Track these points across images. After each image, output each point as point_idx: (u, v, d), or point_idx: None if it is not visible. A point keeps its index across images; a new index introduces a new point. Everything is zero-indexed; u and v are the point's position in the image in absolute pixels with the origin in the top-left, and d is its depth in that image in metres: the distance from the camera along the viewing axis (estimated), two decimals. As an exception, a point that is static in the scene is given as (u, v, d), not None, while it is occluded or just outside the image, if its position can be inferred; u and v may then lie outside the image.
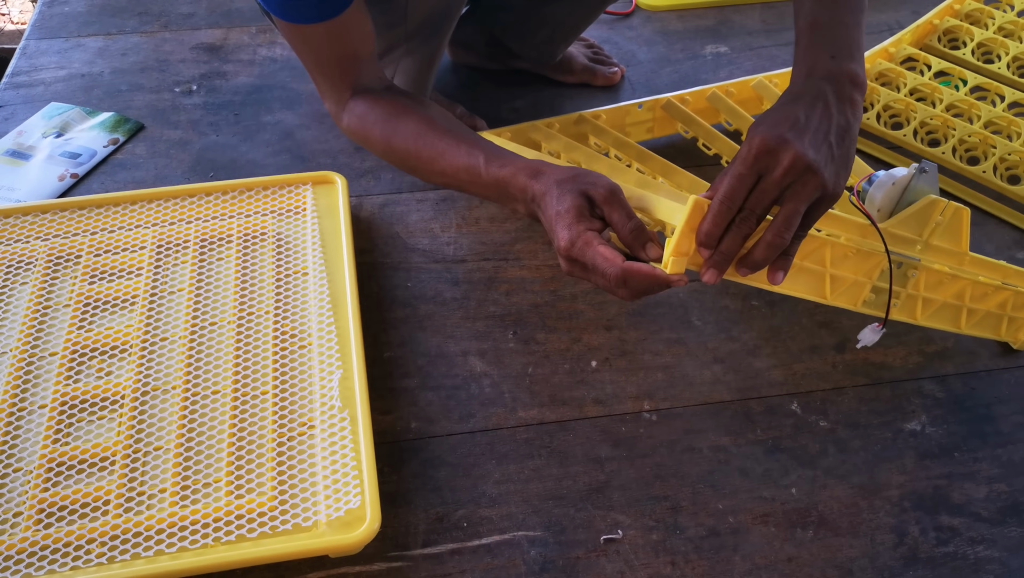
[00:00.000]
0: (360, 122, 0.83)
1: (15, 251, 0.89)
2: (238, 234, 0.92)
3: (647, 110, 1.04)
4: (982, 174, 1.00)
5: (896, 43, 1.17)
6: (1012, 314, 0.84)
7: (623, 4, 1.37)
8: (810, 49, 0.71)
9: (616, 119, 1.03)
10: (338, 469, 0.71)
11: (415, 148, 0.79)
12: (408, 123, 0.80)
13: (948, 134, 1.05)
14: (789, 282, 0.69)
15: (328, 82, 0.84)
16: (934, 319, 0.81)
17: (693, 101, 1.06)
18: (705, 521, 0.72)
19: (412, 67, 0.99)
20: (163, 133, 1.10)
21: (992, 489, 0.75)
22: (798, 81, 0.70)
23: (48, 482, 0.71)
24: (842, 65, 0.69)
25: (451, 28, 1.00)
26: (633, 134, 1.06)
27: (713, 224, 0.64)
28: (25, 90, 1.17)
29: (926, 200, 0.73)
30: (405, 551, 0.69)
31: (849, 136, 0.67)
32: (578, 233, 0.66)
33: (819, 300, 0.73)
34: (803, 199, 0.63)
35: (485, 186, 0.75)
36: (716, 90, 1.06)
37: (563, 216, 0.67)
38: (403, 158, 0.81)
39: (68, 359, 0.80)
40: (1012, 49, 1.17)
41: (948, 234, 0.76)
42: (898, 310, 0.78)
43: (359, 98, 0.83)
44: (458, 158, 0.76)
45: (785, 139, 0.62)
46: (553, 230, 0.67)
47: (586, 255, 0.65)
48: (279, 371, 0.79)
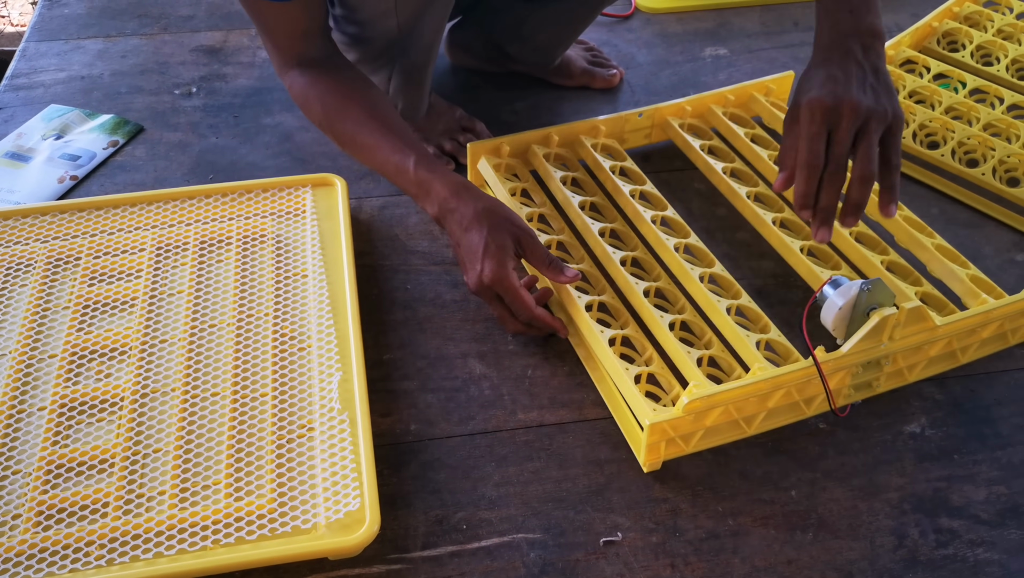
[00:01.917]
0: (302, 94, 0.89)
1: (14, 253, 0.89)
2: (238, 236, 0.92)
3: (646, 118, 1.05)
4: (981, 176, 1.00)
5: (895, 45, 1.17)
6: (1012, 327, 0.85)
7: (622, 6, 1.37)
8: (832, 8, 0.78)
9: (615, 127, 1.04)
10: (337, 471, 0.71)
11: (351, 134, 0.87)
12: (351, 109, 0.87)
13: (947, 136, 1.05)
14: (767, 422, 0.77)
15: (276, 50, 0.89)
16: (928, 371, 0.83)
17: (693, 109, 1.06)
18: (704, 523, 0.72)
19: (407, 67, 0.99)
20: (163, 135, 1.10)
21: (992, 491, 0.75)
22: (824, 39, 0.78)
23: (47, 484, 0.71)
24: (861, 20, 0.76)
25: (440, 39, 1.00)
26: (631, 140, 1.06)
27: (807, 184, 0.72)
28: (25, 92, 1.17)
29: (873, 322, 0.73)
30: (404, 553, 0.69)
31: (883, 73, 0.76)
32: (506, 271, 0.79)
33: (800, 418, 0.79)
34: (873, 134, 0.72)
35: (409, 182, 0.84)
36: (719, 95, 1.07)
37: (494, 252, 0.79)
38: (340, 139, 0.89)
39: (67, 361, 0.80)
40: (1011, 51, 1.17)
41: (911, 322, 0.76)
42: (885, 382, 0.80)
43: (304, 70, 0.88)
44: (392, 153, 0.85)
45: (837, 94, 0.72)
46: (477, 258, 0.80)
47: (508, 292, 0.80)
48: (278, 373, 0.79)
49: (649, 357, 0.81)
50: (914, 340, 0.77)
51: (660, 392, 0.78)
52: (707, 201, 1.01)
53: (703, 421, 0.74)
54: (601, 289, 0.87)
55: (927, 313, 0.76)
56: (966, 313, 0.80)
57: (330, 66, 0.89)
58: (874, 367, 0.78)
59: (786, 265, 0.90)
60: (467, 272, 0.82)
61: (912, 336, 0.77)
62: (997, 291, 0.85)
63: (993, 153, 1.02)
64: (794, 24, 1.34)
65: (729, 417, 0.75)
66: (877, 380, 0.79)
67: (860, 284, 0.73)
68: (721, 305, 0.81)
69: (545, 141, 1.01)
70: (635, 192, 0.95)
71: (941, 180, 1.04)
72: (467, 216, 0.81)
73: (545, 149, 1.00)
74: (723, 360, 0.80)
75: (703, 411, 0.72)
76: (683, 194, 1.02)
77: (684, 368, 0.77)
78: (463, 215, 0.81)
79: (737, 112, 1.07)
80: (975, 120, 1.06)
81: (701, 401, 0.71)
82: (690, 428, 0.74)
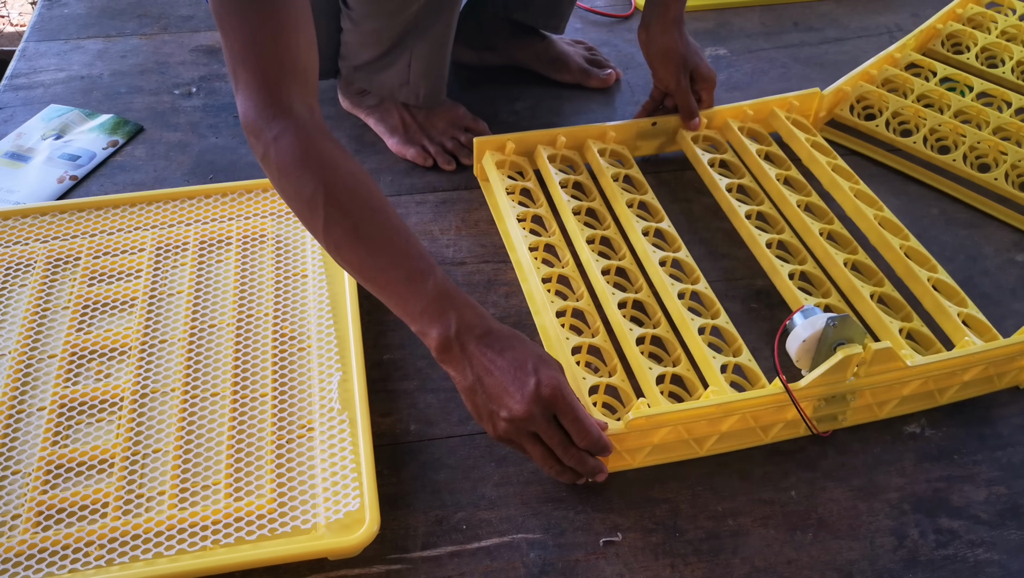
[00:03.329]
0: (292, 157, 0.69)
1: (14, 253, 0.89)
2: (237, 236, 0.92)
3: (660, 128, 1.04)
4: (994, 181, 1.00)
5: (901, 48, 1.17)
6: (998, 371, 0.81)
7: (622, 7, 1.37)
8: None
9: (626, 133, 1.03)
10: (337, 471, 0.71)
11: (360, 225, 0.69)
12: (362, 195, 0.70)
13: (958, 141, 1.04)
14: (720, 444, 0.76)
15: (260, 87, 0.69)
16: (901, 409, 0.80)
17: (709, 121, 1.05)
18: (704, 524, 0.72)
19: (426, 50, 0.99)
20: (162, 135, 1.10)
21: (991, 492, 0.75)
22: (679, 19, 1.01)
23: (47, 484, 0.71)
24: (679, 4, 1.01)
25: (457, 16, 0.99)
26: (643, 148, 1.05)
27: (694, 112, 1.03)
28: (24, 92, 1.17)
29: (836, 358, 0.72)
30: (404, 553, 0.69)
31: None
32: (565, 381, 0.68)
33: (758, 443, 0.77)
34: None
35: (423, 294, 0.68)
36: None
37: (549, 362, 0.68)
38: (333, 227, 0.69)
39: (67, 361, 0.80)
40: (1016, 53, 1.17)
41: (879, 362, 0.74)
42: (852, 417, 0.78)
43: (296, 127, 0.69)
44: (410, 259, 0.69)
45: (684, 56, 1.02)
46: (528, 373, 0.66)
47: (570, 408, 0.66)
48: (278, 373, 0.79)
49: (613, 368, 0.80)
50: (882, 378, 0.75)
51: (618, 404, 0.78)
52: (714, 212, 1.00)
53: (650, 438, 0.73)
54: (579, 295, 0.86)
55: (895, 354, 0.74)
56: (941, 356, 0.77)
57: (323, 134, 0.71)
58: (839, 401, 0.76)
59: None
60: (507, 397, 0.66)
61: (880, 375, 0.75)
62: (991, 333, 0.82)
63: (1004, 157, 1.01)
64: (794, 24, 1.34)
65: (679, 436, 0.74)
66: (843, 414, 0.77)
67: (827, 318, 0.72)
68: (695, 324, 0.80)
69: (552, 142, 1.01)
70: (633, 201, 0.94)
71: (941, 180, 1.04)
72: (504, 333, 0.69)
73: (551, 150, 1.00)
74: (688, 379, 0.79)
75: (648, 429, 0.72)
76: (691, 201, 1.02)
77: (644, 384, 0.77)
78: (500, 333, 0.68)
79: (755, 127, 1.06)
80: (984, 124, 1.06)
81: (645, 420, 0.70)
82: (636, 443, 0.73)
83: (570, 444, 0.67)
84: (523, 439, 0.68)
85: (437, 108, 1.06)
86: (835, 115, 1.10)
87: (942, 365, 0.77)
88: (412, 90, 1.02)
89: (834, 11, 1.37)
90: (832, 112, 1.10)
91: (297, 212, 0.71)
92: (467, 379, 0.68)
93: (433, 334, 0.68)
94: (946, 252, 0.96)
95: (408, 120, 1.06)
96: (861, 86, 1.10)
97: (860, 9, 1.38)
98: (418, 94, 1.02)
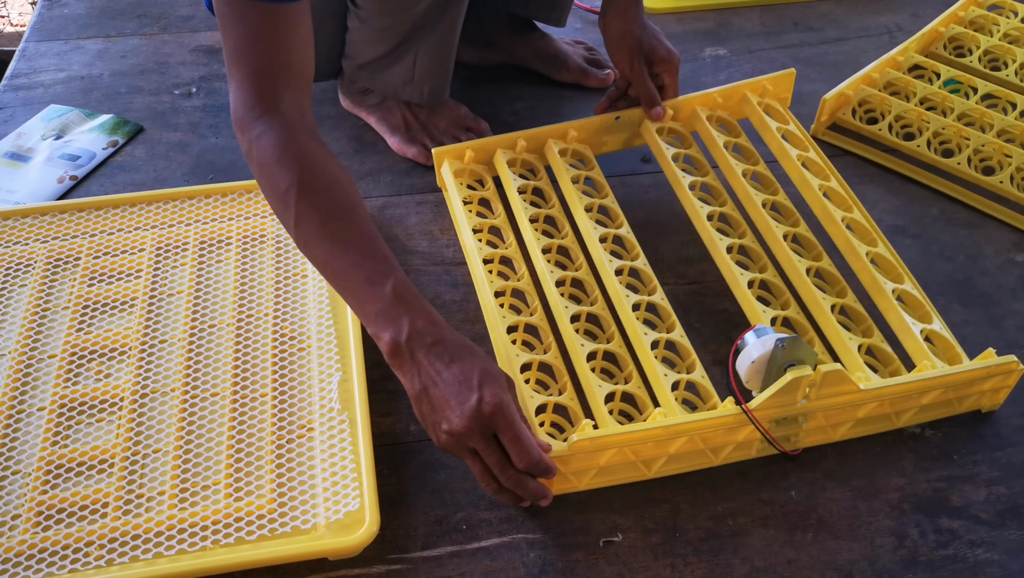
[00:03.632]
0: (274, 151, 0.70)
1: (14, 253, 0.89)
2: (237, 236, 0.92)
3: (624, 122, 1.01)
4: (999, 184, 1.00)
5: (903, 51, 1.16)
6: (958, 395, 0.78)
7: (622, 7, 1.37)
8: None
9: (588, 131, 0.99)
10: (337, 471, 0.71)
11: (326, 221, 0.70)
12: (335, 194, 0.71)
13: (962, 144, 1.04)
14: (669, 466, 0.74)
15: (251, 84, 0.72)
16: (857, 431, 0.77)
17: (676, 112, 1.01)
18: (704, 524, 0.72)
19: (431, 47, 0.99)
20: (162, 135, 1.10)
21: (991, 492, 0.75)
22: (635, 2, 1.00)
23: (47, 484, 0.71)
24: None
25: (463, 13, 0.99)
26: (610, 144, 1.02)
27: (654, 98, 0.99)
28: (24, 92, 1.17)
29: (785, 380, 0.70)
30: (404, 553, 0.69)
31: None
32: (509, 399, 0.66)
33: (708, 465, 0.75)
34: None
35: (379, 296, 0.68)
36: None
37: (496, 377, 0.66)
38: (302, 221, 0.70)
39: (67, 361, 0.80)
40: (1019, 56, 1.17)
41: (830, 385, 0.72)
42: (805, 438, 0.76)
43: (282, 124, 0.71)
44: (372, 261, 0.69)
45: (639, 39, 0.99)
46: (471, 387, 0.65)
47: (511, 427, 0.65)
48: (278, 373, 0.79)
49: (564, 385, 0.78)
50: (835, 401, 0.73)
51: (567, 424, 0.75)
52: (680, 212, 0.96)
53: (595, 460, 0.71)
54: (533, 309, 0.84)
55: (847, 377, 0.72)
56: (896, 380, 0.75)
57: (307, 131, 0.73)
58: (791, 423, 0.74)
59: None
60: (448, 410, 0.65)
61: (832, 397, 0.73)
62: (953, 352, 0.79)
63: (1009, 160, 1.01)
64: (794, 24, 1.34)
65: (626, 458, 0.72)
66: (795, 436, 0.75)
67: (776, 339, 0.70)
68: (648, 338, 0.77)
69: (512, 146, 0.97)
70: (593, 205, 0.91)
71: (941, 180, 1.04)
72: (455, 344, 0.68)
73: (511, 154, 0.97)
74: (639, 397, 0.76)
75: (593, 451, 0.70)
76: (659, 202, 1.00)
77: (592, 402, 0.75)
78: (451, 344, 0.67)
79: (724, 116, 1.02)
80: (988, 127, 1.06)
81: (590, 441, 0.68)
82: (581, 465, 0.71)
83: (508, 464, 0.66)
84: (463, 454, 0.67)
85: (439, 107, 1.06)
86: (837, 119, 1.10)
87: (897, 389, 0.75)
88: (416, 88, 1.02)
89: (834, 11, 1.37)
90: (834, 116, 1.10)
91: (273, 207, 0.73)
92: (414, 387, 0.67)
93: (385, 338, 0.67)
94: (946, 252, 0.96)
95: (410, 119, 1.06)
96: (863, 89, 1.10)
97: (860, 9, 1.38)
98: (422, 92, 1.02)
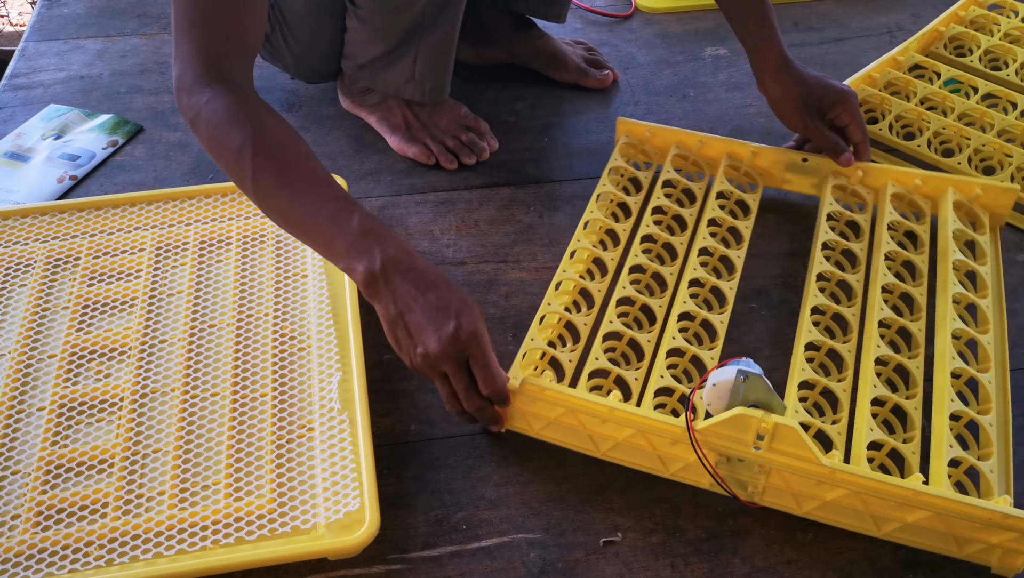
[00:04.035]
0: (225, 113, 0.72)
1: (14, 253, 0.89)
2: (237, 236, 0.92)
3: (812, 166, 0.97)
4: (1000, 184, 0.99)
5: (904, 51, 1.16)
6: (956, 533, 0.67)
7: (622, 6, 1.37)
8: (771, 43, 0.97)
9: (770, 158, 0.98)
10: (337, 471, 0.71)
11: (282, 172, 0.72)
12: (289, 145, 0.73)
13: (962, 143, 1.04)
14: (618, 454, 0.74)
15: (199, 54, 0.73)
16: (825, 515, 0.70)
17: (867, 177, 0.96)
18: (705, 523, 0.72)
19: (432, 45, 0.99)
20: (162, 135, 1.10)
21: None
22: (783, 61, 0.97)
23: (47, 484, 0.71)
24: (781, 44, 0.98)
25: (462, 9, 0.99)
26: (794, 184, 0.99)
27: (838, 146, 0.95)
28: (24, 92, 1.17)
29: (734, 412, 0.66)
30: (404, 553, 0.69)
31: None
32: (484, 328, 0.71)
33: (659, 473, 0.74)
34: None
35: (347, 232, 0.70)
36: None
37: (471, 307, 0.70)
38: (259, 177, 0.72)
39: (67, 361, 0.80)
40: (1020, 56, 1.17)
41: (784, 441, 0.66)
42: (769, 497, 0.71)
43: (230, 90, 0.73)
44: (331, 201, 0.72)
45: (801, 97, 0.96)
46: (448, 315, 0.69)
47: (483, 355, 0.70)
48: (278, 373, 0.79)
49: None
50: (793, 465, 0.67)
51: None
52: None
53: (544, 411, 0.73)
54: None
55: (800, 439, 0.66)
56: (866, 473, 0.66)
57: (254, 96, 0.76)
58: (747, 468, 0.69)
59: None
60: (425, 335, 0.69)
61: (789, 459, 0.67)
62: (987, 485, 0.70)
63: (1010, 160, 1.01)
64: (794, 24, 1.34)
65: (575, 424, 0.73)
66: (754, 486, 0.70)
67: (737, 370, 0.67)
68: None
69: (688, 143, 0.99)
70: (724, 221, 0.92)
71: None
72: (430, 272, 0.71)
73: (684, 151, 0.98)
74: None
75: (536, 400, 0.72)
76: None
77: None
78: (426, 271, 0.71)
79: (918, 201, 0.94)
80: (989, 127, 1.05)
81: (529, 385, 0.71)
82: (529, 409, 0.74)
83: (474, 392, 0.71)
84: (434, 376, 0.72)
85: (439, 107, 1.06)
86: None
87: (866, 484, 0.66)
88: (418, 86, 1.02)
89: (834, 11, 1.37)
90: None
91: (226, 167, 0.74)
92: (389, 312, 0.71)
93: (359, 269, 0.70)
94: (946, 252, 0.96)
95: (411, 118, 1.06)
96: (863, 89, 1.10)
97: (860, 9, 1.38)
98: (423, 90, 1.02)
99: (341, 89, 1.11)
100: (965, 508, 0.65)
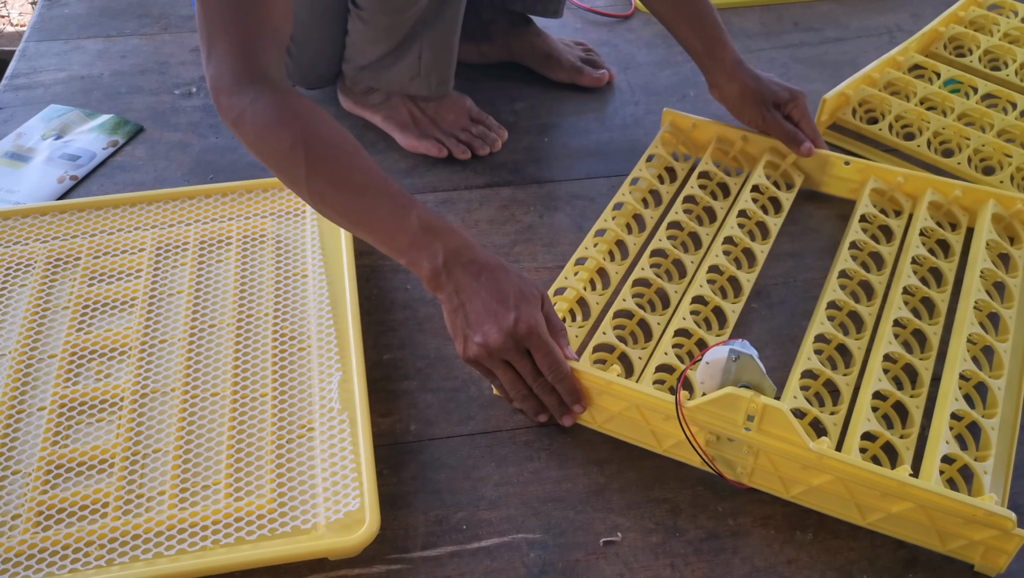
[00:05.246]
0: (272, 112, 0.72)
1: (14, 253, 0.89)
2: (237, 236, 0.92)
3: (854, 170, 0.97)
4: (999, 184, 0.99)
5: (903, 51, 1.16)
6: (939, 527, 0.67)
7: (622, 6, 1.37)
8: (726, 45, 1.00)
9: (809, 161, 0.99)
10: (337, 471, 0.71)
11: (338, 167, 0.72)
12: (341, 141, 0.73)
13: (962, 144, 1.04)
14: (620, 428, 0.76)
15: (235, 57, 0.72)
16: (816, 502, 0.71)
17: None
18: (705, 523, 0.72)
19: (436, 39, 0.99)
20: (163, 135, 1.10)
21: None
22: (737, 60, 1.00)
23: (47, 484, 0.71)
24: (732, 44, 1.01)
25: (464, 4, 0.99)
26: (834, 187, 1.00)
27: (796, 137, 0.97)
28: (24, 92, 1.17)
29: (724, 392, 0.67)
30: (404, 553, 0.69)
31: None
32: (542, 318, 0.71)
33: (654, 448, 0.75)
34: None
35: (408, 229, 0.72)
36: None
37: (531, 296, 0.72)
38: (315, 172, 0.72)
39: (67, 361, 0.80)
40: (1019, 56, 1.17)
41: (772, 424, 0.67)
42: (757, 479, 0.72)
43: (272, 89, 0.73)
44: (392, 197, 0.73)
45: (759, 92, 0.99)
46: (508, 306, 0.70)
47: (544, 344, 0.71)
48: (278, 373, 0.79)
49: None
50: (781, 447, 0.68)
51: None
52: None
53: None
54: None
55: (787, 422, 0.66)
56: (851, 460, 0.66)
57: (296, 94, 0.75)
58: (735, 448, 0.70)
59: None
60: (486, 325, 0.70)
61: (777, 442, 0.68)
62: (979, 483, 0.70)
63: (1009, 160, 1.00)
64: (794, 24, 1.34)
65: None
66: (743, 467, 0.71)
67: (730, 349, 0.68)
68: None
69: (730, 138, 1.01)
70: (754, 213, 0.93)
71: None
72: (491, 263, 0.72)
73: (725, 146, 1.00)
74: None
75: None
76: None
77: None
78: (486, 262, 0.72)
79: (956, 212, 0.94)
80: (989, 127, 1.05)
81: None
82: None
83: (540, 374, 0.72)
84: (494, 364, 0.72)
85: (445, 101, 1.06)
86: (837, 119, 1.10)
87: (851, 471, 0.66)
88: (423, 81, 1.02)
89: (834, 11, 1.37)
90: (834, 116, 1.10)
91: (276, 168, 0.74)
92: (452, 303, 0.72)
93: (425, 266, 0.72)
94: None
95: (417, 114, 1.06)
96: (863, 90, 1.10)
97: (860, 9, 1.38)
98: (430, 84, 1.02)
99: (341, 90, 1.11)
100: (947, 502, 0.64)
